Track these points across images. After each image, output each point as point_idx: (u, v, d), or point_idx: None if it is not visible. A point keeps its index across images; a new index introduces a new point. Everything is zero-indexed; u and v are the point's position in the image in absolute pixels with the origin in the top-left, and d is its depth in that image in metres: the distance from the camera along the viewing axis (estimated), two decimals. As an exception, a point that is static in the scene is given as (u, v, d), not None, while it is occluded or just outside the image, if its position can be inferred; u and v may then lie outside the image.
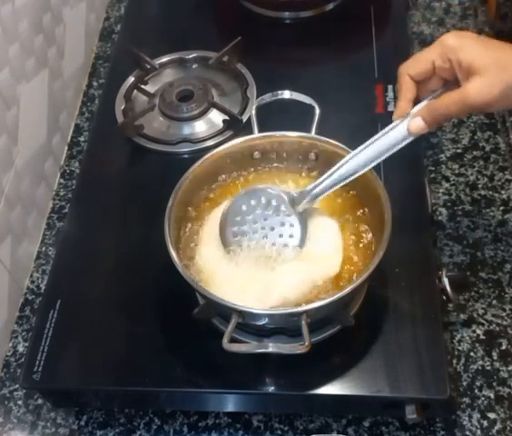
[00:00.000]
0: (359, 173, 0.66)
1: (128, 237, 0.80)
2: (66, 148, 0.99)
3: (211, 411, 0.72)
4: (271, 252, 0.68)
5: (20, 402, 0.75)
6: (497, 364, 0.72)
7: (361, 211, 0.72)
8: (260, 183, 0.74)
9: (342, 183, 0.67)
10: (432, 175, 0.88)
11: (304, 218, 0.69)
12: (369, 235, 0.70)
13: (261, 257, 0.68)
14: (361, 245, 0.70)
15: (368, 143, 0.65)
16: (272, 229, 0.69)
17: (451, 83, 0.63)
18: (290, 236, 0.69)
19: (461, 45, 0.61)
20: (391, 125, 0.65)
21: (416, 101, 0.64)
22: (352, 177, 0.67)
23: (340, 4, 1.04)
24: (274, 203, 0.69)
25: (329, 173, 0.67)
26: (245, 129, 0.86)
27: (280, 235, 0.69)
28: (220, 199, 0.75)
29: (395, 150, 0.65)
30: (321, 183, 0.68)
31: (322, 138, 0.74)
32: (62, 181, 0.95)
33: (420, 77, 0.64)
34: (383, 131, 0.65)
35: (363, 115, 0.87)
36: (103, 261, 0.78)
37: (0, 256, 0.78)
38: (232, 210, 0.70)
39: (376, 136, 0.65)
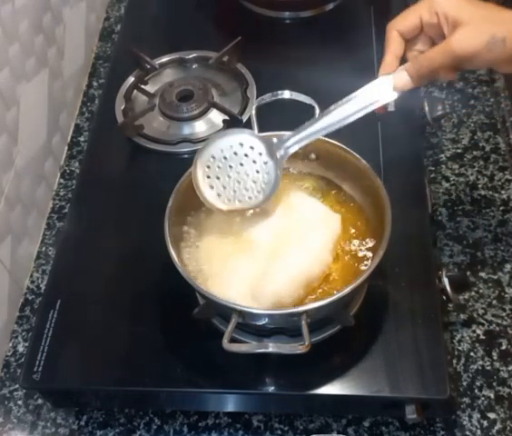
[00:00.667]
0: (340, 126, 0.66)
1: (128, 237, 0.80)
2: (66, 148, 0.99)
3: (211, 411, 0.72)
4: (243, 197, 0.68)
5: (20, 402, 0.75)
6: (497, 364, 0.72)
7: (361, 212, 0.72)
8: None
9: (323, 134, 0.67)
10: (432, 175, 0.88)
11: (280, 166, 0.68)
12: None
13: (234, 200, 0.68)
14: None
15: (352, 95, 0.65)
16: (247, 175, 0.68)
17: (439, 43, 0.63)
18: (264, 184, 0.68)
19: (449, 1, 0.62)
20: (376, 80, 0.65)
21: (402, 61, 0.64)
22: (332, 129, 0.66)
23: (340, 4, 1.04)
24: (252, 148, 0.68)
25: (311, 121, 0.67)
26: (245, 129, 0.86)
27: (254, 181, 0.68)
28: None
29: (377, 106, 0.65)
30: (303, 130, 0.67)
31: (322, 138, 0.74)
32: (62, 181, 0.95)
33: (408, 33, 0.64)
34: (369, 84, 0.65)
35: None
36: (103, 261, 0.78)
37: (0, 256, 0.78)
38: (209, 150, 0.69)
39: (361, 90, 0.65)
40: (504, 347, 0.73)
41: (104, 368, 0.70)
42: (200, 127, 0.90)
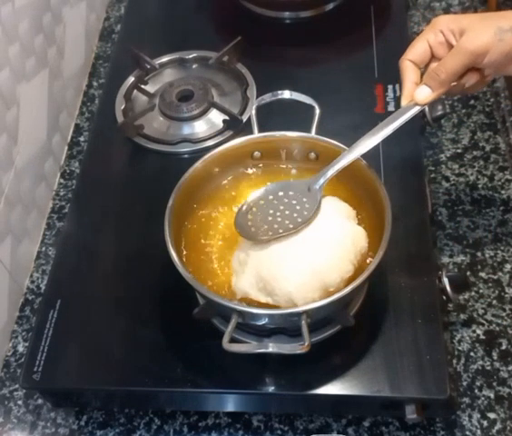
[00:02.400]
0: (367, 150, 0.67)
1: (128, 237, 0.80)
2: (66, 148, 0.99)
3: (211, 411, 0.72)
4: (285, 226, 0.67)
5: (20, 402, 0.75)
6: (497, 364, 0.72)
7: (361, 212, 0.72)
8: (261, 184, 0.74)
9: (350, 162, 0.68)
10: (432, 175, 0.88)
11: (318, 196, 0.69)
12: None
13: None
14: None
15: (380, 125, 0.67)
16: (287, 213, 0.68)
17: None
18: (304, 211, 0.68)
19: (449, 17, 0.66)
20: (400, 110, 0.66)
21: None
22: (359, 155, 0.68)
23: (340, 4, 1.04)
24: (291, 192, 0.70)
25: (343, 153, 0.69)
26: (245, 129, 0.86)
27: (294, 214, 0.68)
28: (220, 200, 0.75)
29: (402, 123, 0.67)
30: (336, 163, 0.68)
31: (322, 138, 0.74)
32: (62, 181, 0.95)
33: (420, 59, 0.66)
34: (394, 113, 0.67)
35: (363, 115, 0.87)
36: (103, 261, 0.79)
37: (0, 256, 0.78)
38: (248, 203, 0.70)
39: (387, 119, 0.67)
40: (504, 347, 0.73)
41: (104, 368, 0.70)
42: (200, 127, 0.90)
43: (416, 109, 0.66)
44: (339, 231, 0.66)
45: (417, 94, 0.65)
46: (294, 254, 0.65)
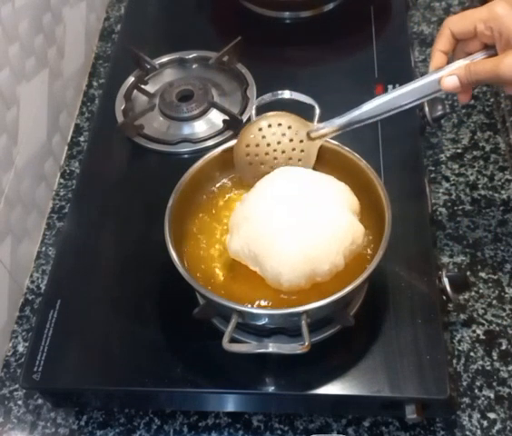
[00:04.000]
0: (382, 117, 0.69)
1: (128, 237, 0.80)
2: (66, 148, 0.99)
3: (211, 411, 0.72)
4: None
5: (20, 402, 0.75)
6: (497, 364, 0.72)
7: (361, 212, 0.72)
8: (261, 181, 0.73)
9: (359, 124, 0.69)
10: (432, 175, 0.88)
11: (315, 146, 0.72)
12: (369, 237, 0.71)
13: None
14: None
15: (398, 89, 0.68)
16: (283, 152, 0.73)
17: (491, 49, 0.64)
18: (299, 160, 0.72)
19: (506, 16, 0.62)
20: (426, 76, 0.67)
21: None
22: (374, 119, 0.69)
23: (340, 4, 1.04)
24: (290, 128, 0.73)
25: (351, 110, 0.70)
26: (245, 129, 0.86)
27: (290, 158, 0.73)
28: (220, 200, 0.75)
29: (423, 100, 0.68)
30: (342, 117, 0.70)
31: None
32: (62, 181, 0.95)
33: (461, 36, 0.66)
34: (418, 79, 0.67)
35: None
36: (103, 261, 0.79)
37: (0, 256, 0.78)
38: (250, 129, 0.73)
39: (408, 84, 0.67)
40: (504, 347, 0.73)
41: (104, 368, 0.70)
42: (200, 127, 0.90)
43: (437, 92, 0.67)
44: (339, 222, 0.65)
45: (446, 80, 0.65)
46: (289, 235, 0.64)
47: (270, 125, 0.73)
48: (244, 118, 0.89)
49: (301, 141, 0.73)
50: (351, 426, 0.69)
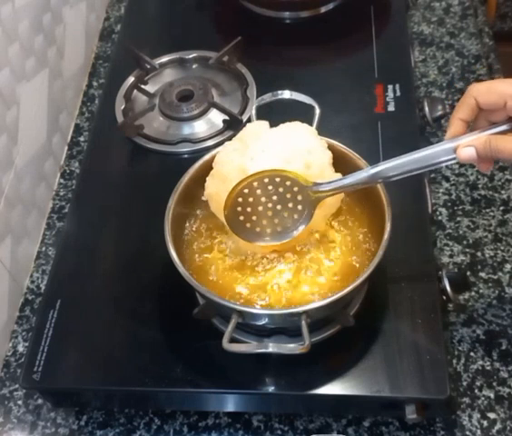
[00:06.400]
0: (391, 179, 0.64)
1: (128, 237, 0.80)
2: (66, 148, 0.99)
3: (211, 410, 0.72)
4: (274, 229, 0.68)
5: (20, 402, 0.75)
6: (497, 364, 0.72)
7: (361, 210, 0.72)
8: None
9: (368, 185, 0.66)
10: (432, 175, 0.88)
11: (312, 209, 0.67)
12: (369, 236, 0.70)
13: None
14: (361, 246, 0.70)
15: (411, 154, 0.63)
16: (278, 207, 0.67)
17: None
18: (295, 215, 0.67)
19: None
20: (441, 144, 0.62)
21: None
22: (380, 182, 0.66)
23: (340, 4, 1.04)
24: (287, 183, 0.67)
25: (358, 172, 0.66)
26: (245, 129, 0.86)
27: (285, 213, 0.67)
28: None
29: (435, 167, 0.64)
30: (345, 178, 0.66)
31: (322, 138, 0.74)
32: (62, 181, 0.95)
33: (487, 108, 0.61)
34: (433, 146, 0.62)
35: (363, 115, 0.87)
36: (103, 261, 0.79)
37: (0, 256, 0.78)
38: (243, 184, 0.67)
39: (422, 150, 0.63)
40: (504, 347, 0.73)
41: (104, 368, 0.70)
42: (200, 127, 0.90)
43: (451, 160, 0.62)
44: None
45: (463, 150, 0.60)
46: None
47: (266, 181, 0.67)
48: (244, 118, 0.89)
49: (299, 198, 0.67)
50: (351, 426, 0.69)
